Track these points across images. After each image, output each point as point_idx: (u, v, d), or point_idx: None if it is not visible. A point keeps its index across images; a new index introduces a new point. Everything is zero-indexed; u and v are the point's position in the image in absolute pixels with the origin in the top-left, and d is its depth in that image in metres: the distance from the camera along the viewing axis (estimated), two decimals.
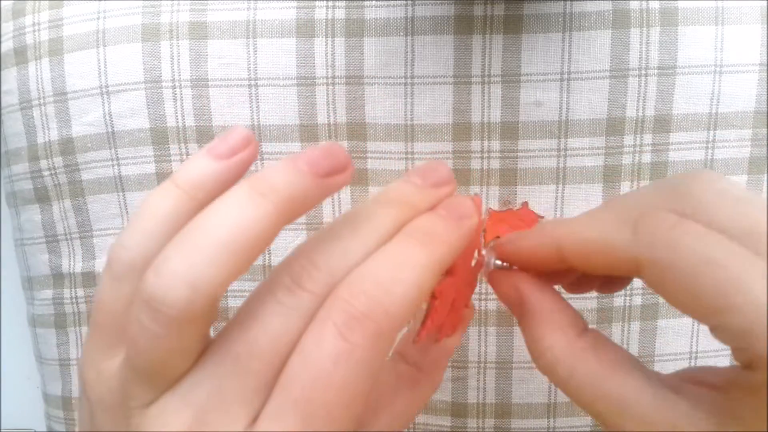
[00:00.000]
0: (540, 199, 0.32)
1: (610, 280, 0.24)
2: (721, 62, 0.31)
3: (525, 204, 0.32)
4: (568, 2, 0.31)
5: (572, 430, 0.34)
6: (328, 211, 0.33)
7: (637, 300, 0.32)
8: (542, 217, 0.32)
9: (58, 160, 0.34)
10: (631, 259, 0.18)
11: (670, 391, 0.19)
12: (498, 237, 0.31)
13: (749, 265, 0.17)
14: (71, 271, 0.36)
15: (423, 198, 0.20)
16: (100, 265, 0.35)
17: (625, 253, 0.19)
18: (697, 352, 0.33)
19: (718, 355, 0.33)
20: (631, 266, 0.19)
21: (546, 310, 0.21)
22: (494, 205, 0.32)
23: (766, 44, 0.31)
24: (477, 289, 0.33)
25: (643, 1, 0.30)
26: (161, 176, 0.33)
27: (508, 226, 0.32)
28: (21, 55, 0.34)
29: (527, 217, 0.32)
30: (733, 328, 0.17)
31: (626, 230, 0.19)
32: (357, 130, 0.32)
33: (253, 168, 0.31)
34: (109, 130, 0.33)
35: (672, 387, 0.19)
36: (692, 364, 0.33)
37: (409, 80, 0.32)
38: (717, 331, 0.18)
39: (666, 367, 0.33)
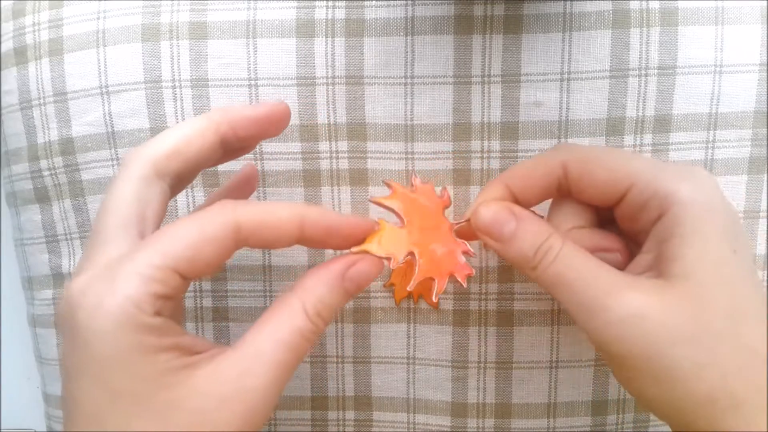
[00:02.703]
0: None
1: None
2: (721, 62, 0.31)
3: None
4: (568, 2, 0.31)
5: (572, 430, 0.34)
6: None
7: None
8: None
9: (58, 160, 0.34)
10: (560, 162, 0.26)
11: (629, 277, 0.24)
12: None
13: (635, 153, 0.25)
14: (71, 271, 0.36)
15: None
16: None
17: (552, 163, 0.26)
18: None
19: None
20: (559, 170, 0.26)
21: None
22: None
23: (766, 44, 0.31)
24: (477, 290, 0.33)
25: (643, 1, 0.30)
26: None
27: None
28: (21, 55, 0.34)
29: None
30: (643, 181, 0.24)
31: (548, 152, 0.26)
32: (357, 130, 0.32)
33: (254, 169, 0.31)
34: (109, 130, 0.33)
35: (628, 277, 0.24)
36: None
37: (409, 80, 0.32)
38: (631, 193, 0.24)
39: None
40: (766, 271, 0.33)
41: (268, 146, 0.33)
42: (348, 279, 0.24)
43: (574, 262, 0.24)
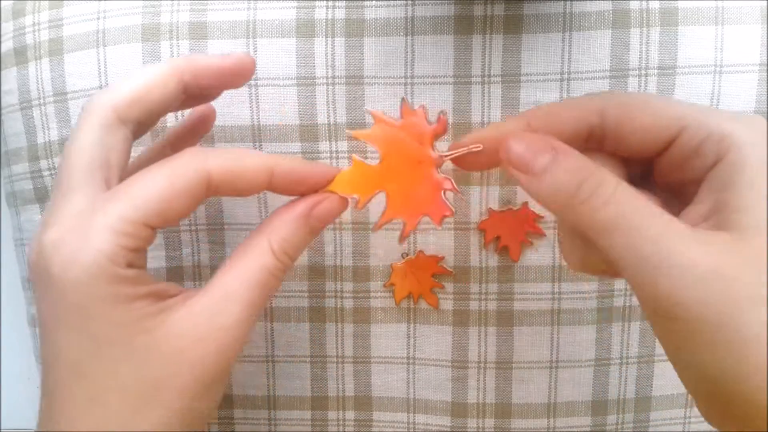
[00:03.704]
0: None
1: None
2: (721, 62, 0.31)
3: (525, 204, 0.32)
4: (568, 2, 0.31)
5: (572, 430, 0.34)
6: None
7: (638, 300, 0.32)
8: (542, 217, 0.32)
9: (58, 160, 0.34)
10: (596, 107, 0.22)
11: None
12: (498, 237, 0.31)
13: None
14: None
15: None
16: None
17: (590, 105, 0.23)
18: None
19: None
20: (595, 115, 0.22)
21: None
22: (494, 205, 0.32)
23: (766, 44, 0.31)
24: (477, 290, 0.33)
25: (643, 1, 0.30)
26: None
27: (507, 226, 0.32)
28: (21, 55, 0.34)
29: (527, 217, 0.32)
30: (696, 123, 0.21)
31: (587, 97, 0.23)
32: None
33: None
34: None
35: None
36: None
37: (409, 80, 0.32)
38: (683, 137, 0.21)
39: (666, 368, 0.33)
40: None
41: (268, 146, 0.33)
42: (313, 217, 0.25)
43: (636, 206, 0.20)
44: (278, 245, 0.24)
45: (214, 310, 0.23)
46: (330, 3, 0.32)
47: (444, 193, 0.25)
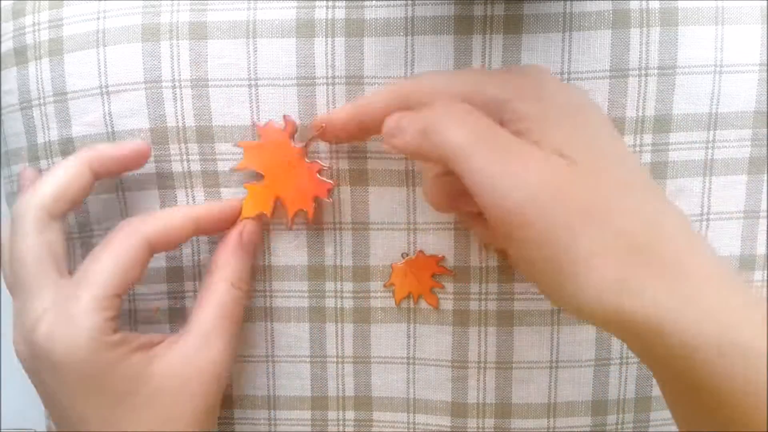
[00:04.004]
0: None
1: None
2: (721, 62, 0.31)
3: None
4: (568, 2, 0.31)
5: (572, 430, 0.34)
6: (329, 212, 0.33)
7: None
8: None
9: (58, 160, 0.34)
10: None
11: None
12: None
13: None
14: (70, 270, 0.36)
15: None
16: None
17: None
18: None
19: None
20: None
21: None
22: None
23: (766, 44, 0.31)
24: (477, 290, 0.33)
25: (643, 1, 0.30)
26: (161, 176, 0.33)
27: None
28: (21, 55, 0.34)
29: None
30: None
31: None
32: None
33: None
34: (109, 130, 0.33)
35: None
36: None
37: None
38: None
39: None
40: (765, 271, 0.33)
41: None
42: (245, 244, 0.31)
43: (482, 129, 0.24)
44: (234, 279, 0.30)
45: (200, 347, 0.28)
46: (330, 3, 0.32)
47: (319, 173, 0.31)
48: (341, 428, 0.35)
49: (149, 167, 0.33)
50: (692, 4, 0.30)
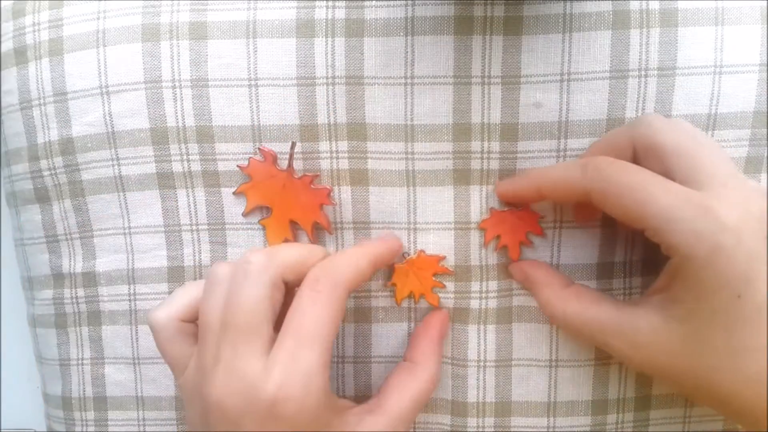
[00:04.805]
0: None
1: (583, 209, 0.32)
2: (721, 63, 0.31)
3: (527, 205, 0.32)
4: (568, 3, 0.31)
5: (572, 429, 0.34)
6: (329, 212, 0.33)
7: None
8: (542, 217, 0.32)
9: (58, 160, 0.34)
10: (582, 189, 0.27)
11: (630, 306, 0.28)
12: (498, 236, 0.31)
13: (658, 186, 0.25)
14: (71, 271, 0.36)
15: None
16: (100, 265, 0.35)
17: (578, 186, 0.27)
18: None
19: None
20: (583, 194, 0.27)
21: (541, 277, 0.32)
22: (495, 205, 0.32)
23: (766, 44, 0.31)
24: (477, 288, 0.33)
25: (643, 2, 0.31)
26: (161, 176, 0.33)
27: (509, 226, 0.32)
28: (21, 55, 0.34)
29: (528, 217, 0.32)
30: (653, 228, 0.25)
31: (578, 171, 0.28)
32: (357, 130, 0.32)
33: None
34: (109, 130, 0.33)
35: (633, 303, 0.28)
36: None
37: (409, 80, 0.32)
38: (647, 233, 0.26)
39: None
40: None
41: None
42: (443, 336, 0.33)
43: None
44: (437, 371, 0.31)
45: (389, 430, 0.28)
46: (330, 3, 0.32)
47: (312, 183, 0.33)
48: None
49: (149, 167, 0.33)
50: (692, 4, 0.30)
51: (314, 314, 0.27)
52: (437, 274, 0.33)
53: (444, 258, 0.33)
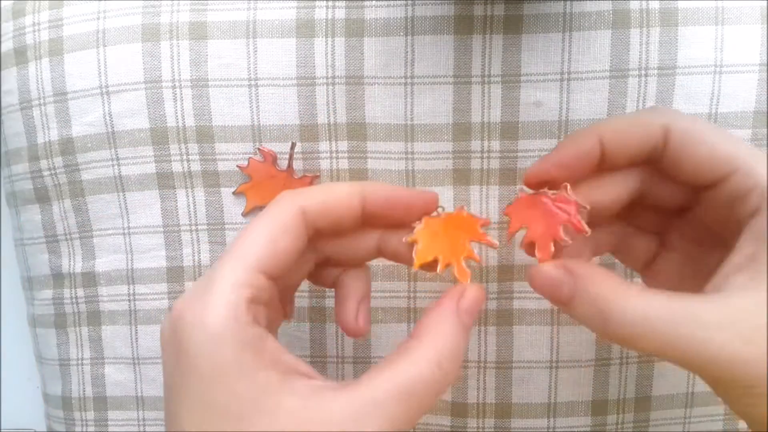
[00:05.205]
0: None
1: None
2: (721, 62, 0.31)
3: (564, 187, 0.25)
4: (568, 2, 0.31)
5: (572, 429, 0.34)
6: None
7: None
8: (586, 208, 0.25)
9: (58, 160, 0.34)
10: (660, 128, 0.23)
11: (715, 294, 0.21)
12: (522, 226, 0.26)
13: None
14: (71, 271, 0.36)
15: None
16: (100, 265, 0.35)
17: (655, 124, 0.23)
18: None
19: None
20: (660, 134, 0.23)
21: (590, 272, 0.23)
22: (495, 205, 0.32)
23: (766, 44, 0.31)
24: None
25: (643, 1, 0.30)
26: (161, 176, 0.33)
27: (540, 214, 0.25)
28: (21, 55, 0.34)
29: (566, 204, 0.25)
30: (742, 169, 0.22)
31: (651, 112, 0.24)
32: (357, 130, 0.32)
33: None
34: (109, 130, 0.33)
35: (715, 290, 0.22)
36: None
37: (409, 80, 0.32)
38: (731, 179, 0.22)
39: (666, 367, 0.33)
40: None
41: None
42: (463, 312, 0.24)
43: (657, 313, 0.21)
44: (441, 356, 0.22)
45: (352, 414, 0.20)
46: (330, 3, 0.32)
47: (311, 183, 0.32)
48: None
49: (149, 167, 0.33)
50: (692, 4, 0.30)
51: (247, 230, 0.23)
52: (475, 241, 0.26)
53: (489, 224, 0.27)
